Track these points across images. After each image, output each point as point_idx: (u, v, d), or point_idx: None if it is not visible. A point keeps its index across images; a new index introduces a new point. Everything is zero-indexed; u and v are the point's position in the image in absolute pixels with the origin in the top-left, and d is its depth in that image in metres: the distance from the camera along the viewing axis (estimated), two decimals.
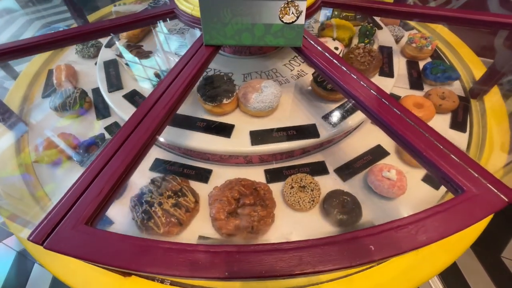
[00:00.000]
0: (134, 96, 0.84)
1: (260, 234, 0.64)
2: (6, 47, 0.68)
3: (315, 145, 0.77)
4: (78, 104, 0.88)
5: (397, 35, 1.09)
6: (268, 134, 0.73)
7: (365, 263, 0.33)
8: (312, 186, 0.69)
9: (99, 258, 0.34)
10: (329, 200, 0.67)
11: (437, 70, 0.94)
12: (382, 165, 0.71)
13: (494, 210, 0.36)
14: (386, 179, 0.68)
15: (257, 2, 0.56)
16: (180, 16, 0.76)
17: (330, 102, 0.80)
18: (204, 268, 0.33)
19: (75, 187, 0.41)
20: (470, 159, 0.42)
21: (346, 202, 0.67)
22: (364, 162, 0.78)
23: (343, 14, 1.03)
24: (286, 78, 0.87)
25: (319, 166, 0.78)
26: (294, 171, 0.76)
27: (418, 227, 0.35)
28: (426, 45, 1.00)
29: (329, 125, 0.74)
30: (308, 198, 0.67)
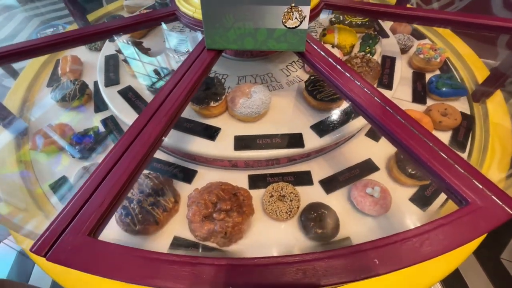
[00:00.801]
0: (128, 93, 0.85)
1: (233, 240, 0.65)
2: (6, 50, 0.68)
3: (302, 154, 0.76)
4: (77, 96, 0.91)
5: (406, 44, 1.04)
6: (252, 141, 0.72)
7: (370, 276, 0.33)
8: (292, 196, 0.68)
9: (102, 271, 0.34)
10: (307, 212, 0.66)
11: (442, 84, 0.89)
12: (367, 181, 0.69)
13: (499, 223, 0.36)
14: (369, 195, 0.66)
15: (260, 7, 0.56)
16: (181, 18, 0.75)
17: (321, 111, 0.78)
18: (208, 281, 0.33)
19: (77, 197, 0.40)
20: (475, 170, 0.42)
21: (324, 216, 0.65)
22: (350, 176, 0.75)
23: (348, 20, 1.00)
24: (281, 83, 0.86)
25: (304, 176, 0.76)
26: (278, 179, 0.76)
27: (423, 240, 0.35)
28: (435, 57, 0.96)
29: (316, 136, 0.73)
30: (286, 208, 0.66)
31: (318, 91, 0.75)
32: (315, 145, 0.72)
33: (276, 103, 0.79)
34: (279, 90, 0.84)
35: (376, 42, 0.90)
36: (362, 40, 0.92)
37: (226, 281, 0.33)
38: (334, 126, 0.74)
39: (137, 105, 0.81)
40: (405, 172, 0.70)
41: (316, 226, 0.63)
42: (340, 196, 0.72)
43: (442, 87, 0.89)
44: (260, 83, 0.83)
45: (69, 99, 0.90)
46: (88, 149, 0.81)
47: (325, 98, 0.74)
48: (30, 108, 0.97)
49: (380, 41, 0.91)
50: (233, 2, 0.56)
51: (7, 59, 0.70)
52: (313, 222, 0.64)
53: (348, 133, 0.75)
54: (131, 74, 0.89)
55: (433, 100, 0.92)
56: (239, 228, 0.63)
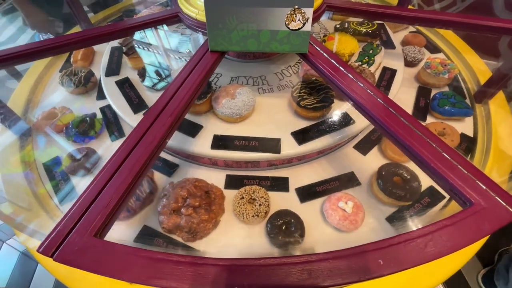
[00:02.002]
0: (124, 84, 0.88)
1: (198, 236, 0.65)
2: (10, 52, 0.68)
3: (283, 160, 0.75)
4: (82, 83, 0.96)
5: (415, 57, 0.99)
6: (230, 141, 0.72)
7: (374, 277, 0.33)
8: (262, 200, 0.67)
9: (108, 271, 0.34)
10: (274, 218, 0.65)
11: (445, 103, 0.84)
12: (342, 195, 0.67)
13: (503, 224, 0.36)
14: (340, 209, 0.64)
15: (263, 9, 0.56)
16: (184, 20, 0.75)
17: (304, 119, 0.76)
18: (213, 282, 0.33)
19: (83, 198, 0.41)
20: (478, 171, 0.42)
21: (290, 224, 0.64)
22: (329, 187, 0.73)
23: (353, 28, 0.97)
24: (272, 87, 0.85)
25: (281, 182, 0.75)
26: (254, 182, 0.75)
27: (427, 241, 0.35)
28: (443, 72, 0.90)
29: (295, 143, 0.71)
30: (253, 211, 0.66)
31: (302, 98, 0.73)
32: (292, 152, 0.71)
33: (262, 106, 0.80)
34: (269, 93, 0.83)
35: (377, 53, 0.87)
36: (362, 50, 0.89)
37: (231, 281, 0.33)
38: (314, 135, 0.73)
39: (130, 97, 0.84)
40: (384, 190, 0.67)
41: (280, 233, 0.63)
42: (314, 206, 0.70)
43: (445, 105, 0.84)
44: (245, 85, 0.82)
45: (74, 85, 0.95)
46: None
47: (308, 105, 0.72)
48: (34, 109, 0.98)
49: (381, 52, 0.88)
50: (236, 4, 0.56)
51: (11, 61, 0.70)
52: (277, 229, 0.63)
53: (328, 144, 0.72)
54: (131, 67, 0.93)
55: (434, 118, 0.87)
56: (204, 226, 0.64)
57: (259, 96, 0.82)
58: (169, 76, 0.87)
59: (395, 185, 0.67)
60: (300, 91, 0.75)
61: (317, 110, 0.73)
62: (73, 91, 0.97)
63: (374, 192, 0.71)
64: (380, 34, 1.00)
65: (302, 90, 0.75)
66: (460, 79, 1.00)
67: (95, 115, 0.91)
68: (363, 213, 0.65)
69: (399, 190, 0.67)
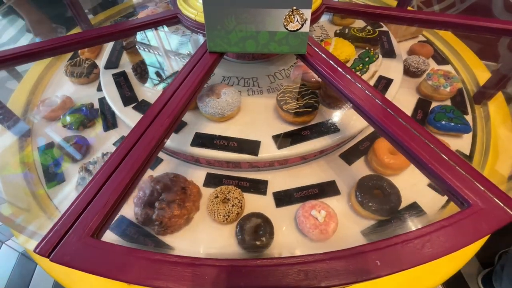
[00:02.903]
0: (120, 77, 0.91)
1: (169, 231, 0.66)
2: (10, 53, 0.68)
3: (264, 162, 0.75)
4: (84, 74, 1.00)
5: (419, 67, 0.95)
6: (210, 140, 0.73)
7: (371, 278, 0.33)
8: (235, 201, 0.67)
9: (105, 272, 0.34)
10: (244, 220, 0.65)
11: (442, 117, 0.80)
12: (317, 203, 0.66)
13: (500, 225, 0.36)
14: (312, 218, 0.63)
15: (261, 10, 0.56)
16: (183, 21, 0.75)
17: (288, 123, 0.76)
18: (210, 283, 0.33)
19: (81, 198, 0.41)
20: (476, 172, 0.42)
21: (259, 227, 0.64)
22: (307, 194, 0.72)
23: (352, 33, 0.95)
24: (262, 89, 0.85)
25: (260, 185, 0.75)
26: (233, 182, 0.75)
27: (424, 242, 0.35)
28: (444, 85, 0.87)
29: (274, 147, 0.71)
30: (224, 211, 0.66)
31: (285, 102, 0.73)
32: (269, 155, 0.70)
33: (249, 108, 0.80)
34: (258, 95, 0.83)
35: (373, 61, 0.85)
36: (358, 57, 0.87)
37: (228, 282, 0.33)
38: (295, 140, 0.72)
39: (122, 90, 0.87)
40: (361, 203, 0.66)
41: (247, 235, 0.63)
42: (289, 212, 0.69)
43: (442, 119, 0.80)
44: (232, 86, 0.82)
45: (77, 75, 1.00)
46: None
47: (290, 110, 0.71)
48: (33, 110, 0.98)
49: (378, 60, 0.85)
50: (235, 5, 0.56)
51: (11, 62, 0.71)
52: (246, 231, 0.63)
53: (308, 151, 0.72)
54: (129, 61, 0.96)
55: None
56: (175, 221, 0.65)
57: (248, 97, 0.83)
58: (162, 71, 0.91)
59: (373, 198, 0.65)
60: (284, 95, 0.74)
61: (299, 115, 0.72)
62: (76, 81, 1.02)
63: (352, 204, 0.69)
64: (382, 42, 0.98)
65: (287, 94, 0.74)
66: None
67: (92, 105, 0.94)
68: (335, 224, 0.63)
69: (377, 204, 0.64)
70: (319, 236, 0.62)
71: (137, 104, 0.83)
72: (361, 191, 0.67)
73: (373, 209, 0.64)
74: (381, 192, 0.67)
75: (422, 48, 1.04)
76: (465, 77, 1.01)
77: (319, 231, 0.62)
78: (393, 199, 0.65)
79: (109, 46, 1.02)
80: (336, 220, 0.64)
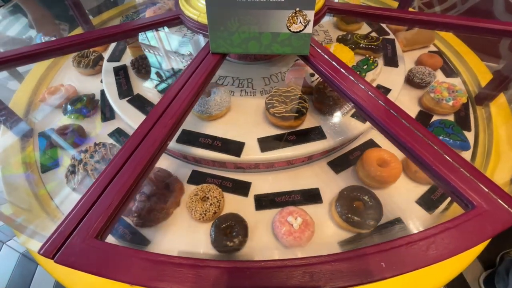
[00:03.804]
0: (120, 70, 0.94)
1: (147, 224, 0.67)
2: (12, 54, 0.68)
3: (249, 164, 0.74)
4: (90, 65, 1.04)
5: (423, 78, 0.92)
6: (195, 138, 0.73)
7: (375, 280, 0.33)
8: (214, 200, 0.67)
9: (109, 273, 0.34)
10: (220, 220, 0.65)
11: (440, 132, 0.77)
12: (295, 210, 0.64)
13: (505, 227, 0.36)
14: (288, 224, 0.62)
15: (264, 12, 0.56)
16: (185, 22, 0.76)
17: (275, 126, 0.75)
18: (215, 284, 0.33)
19: (84, 200, 0.41)
20: (480, 173, 0.42)
21: (233, 229, 0.64)
22: (288, 199, 0.71)
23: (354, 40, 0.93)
24: (255, 90, 0.85)
25: (242, 186, 0.74)
26: (217, 181, 0.75)
27: (429, 244, 0.35)
28: (447, 99, 0.82)
29: (258, 149, 0.71)
30: (201, 210, 0.66)
31: (272, 105, 0.72)
32: (251, 158, 0.70)
33: (239, 108, 0.80)
34: (250, 96, 0.83)
35: (371, 69, 0.83)
36: (356, 64, 0.85)
37: (232, 284, 0.33)
38: (279, 144, 0.72)
39: (120, 82, 0.90)
40: (340, 213, 0.64)
41: (220, 235, 0.63)
42: (267, 216, 0.68)
43: (439, 134, 0.77)
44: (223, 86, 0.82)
45: (83, 66, 1.03)
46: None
47: (276, 113, 0.71)
48: (35, 111, 0.98)
49: (376, 68, 0.83)
50: (238, 7, 0.56)
51: (12, 63, 0.71)
52: (219, 231, 0.63)
53: (291, 156, 0.71)
54: (132, 55, 0.99)
55: None
56: (154, 215, 0.66)
57: (240, 98, 0.83)
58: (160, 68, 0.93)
59: (353, 211, 0.63)
60: (272, 98, 0.74)
61: (285, 119, 0.71)
62: (81, 71, 1.06)
63: (332, 214, 0.68)
64: (386, 50, 0.95)
65: (275, 97, 0.74)
66: (462, 82, 1.00)
67: (94, 96, 0.96)
68: (311, 232, 0.62)
69: (356, 216, 0.62)
70: (292, 242, 0.61)
71: (131, 97, 0.85)
72: (342, 202, 0.65)
73: (351, 221, 0.62)
74: (363, 205, 0.65)
75: (430, 58, 1.00)
76: (467, 78, 1.01)
77: (292, 238, 0.60)
78: (374, 213, 0.63)
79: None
80: (312, 228, 0.62)
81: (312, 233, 0.62)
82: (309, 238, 0.62)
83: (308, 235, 0.61)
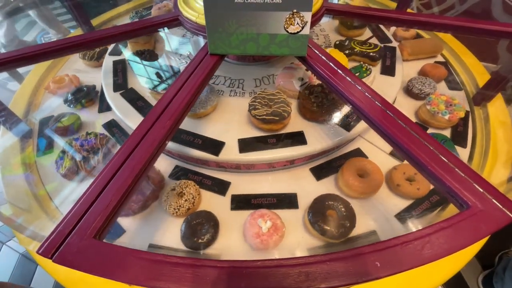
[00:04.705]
0: (119, 64, 0.98)
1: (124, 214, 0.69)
2: (12, 55, 0.69)
3: (231, 164, 0.75)
4: (94, 58, 1.08)
5: (422, 89, 0.88)
6: (177, 133, 0.74)
7: (371, 279, 0.33)
8: (189, 197, 0.67)
9: (107, 273, 0.34)
10: (192, 216, 0.65)
11: None
12: (268, 213, 0.64)
13: (500, 227, 0.37)
14: (258, 226, 0.61)
15: (262, 13, 0.57)
16: (184, 23, 0.76)
17: (256, 128, 0.75)
18: (212, 283, 0.34)
19: (83, 200, 0.41)
20: (475, 174, 0.42)
21: (203, 226, 0.64)
22: (264, 202, 0.71)
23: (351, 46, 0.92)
24: (245, 92, 0.85)
25: (221, 185, 0.75)
26: (197, 178, 0.76)
27: (424, 243, 0.36)
28: (443, 112, 0.79)
29: (237, 150, 0.71)
30: (176, 205, 0.67)
31: (254, 108, 0.72)
32: (230, 157, 0.71)
33: (226, 108, 0.81)
34: (239, 97, 0.84)
35: (363, 77, 0.81)
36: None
37: (229, 283, 0.34)
38: (258, 146, 0.72)
39: (117, 76, 0.93)
40: (311, 221, 0.63)
41: (190, 231, 0.63)
42: (241, 216, 0.68)
43: None
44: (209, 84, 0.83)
45: (88, 58, 1.08)
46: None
47: (258, 116, 0.71)
48: (35, 112, 0.99)
49: (369, 77, 0.81)
50: (236, 8, 0.57)
51: (12, 64, 0.71)
52: (189, 227, 0.64)
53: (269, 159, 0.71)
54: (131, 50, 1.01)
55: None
56: (130, 205, 0.67)
57: (229, 98, 0.84)
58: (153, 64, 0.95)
59: (324, 219, 0.62)
60: (255, 100, 0.74)
61: (265, 122, 0.71)
62: (87, 62, 1.10)
63: (304, 221, 0.67)
64: (384, 58, 0.93)
65: (258, 99, 0.74)
66: (459, 82, 1.00)
67: (94, 87, 0.99)
68: (280, 237, 0.61)
69: (326, 225, 0.61)
70: (259, 245, 0.61)
71: (124, 91, 0.88)
72: (314, 210, 0.64)
73: (320, 229, 0.62)
74: (336, 214, 0.64)
75: (434, 69, 0.96)
76: (465, 79, 1.01)
77: (259, 240, 0.60)
78: (345, 223, 0.62)
79: None
80: (281, 233, 0.62)
81: (281, 237, 0.62)
82: (277, 242, 0.61)
83: (276, 240, 0.61)
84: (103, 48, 1.07)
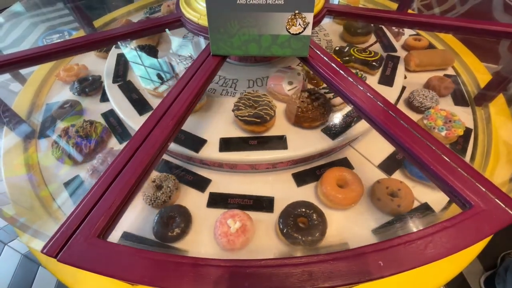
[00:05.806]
0: (122, 57, 1.01)
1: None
2: (15, 57, 0.69)
3: (214, 162, 0.75)
4: (103, 50, 1.13)
5: (423, 103, 0.85)
6: None
7: (374, 279, 0.33)
8: (166, 190, 0.69)
9: (111, 272, 0.35)
10: (165, 210, 0.66)
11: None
12: (239, 213, 0.63)
13: (502, 226, 0.37)
14: (227, 226, 0.61)
15: (264, 14, 0.57)
16: (186, 24, 0.76)
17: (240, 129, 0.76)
18: (215, 283, 0.34)
19: (87, 199, 0.41)
20: (478, 173, 0.42)
21: (175, 220, 0.65)
22: (241, 203, 0.70)
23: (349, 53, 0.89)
24: (236, 92, 0.85)
25: (202, 182, 0.75)
26: (180, 173, 0.77)
27: (426, 243, 0.36)
28: (439, 128, 0.76)
29: (217, 148, 0.72)
30: (152, 196, 0.68)
31: (238, 108, 0.72)
32: (209, 156, 0.71)
33: (214, 107, 0.82)
34: (229, 97, 0.84)
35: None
36: None
37: (232, 283, 0.34)
38: (239, 147, 0.72)
39: (118, 68, 0.96)
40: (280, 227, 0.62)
41: (162, 224, 0.64)
42: (216, 214, 0.67)
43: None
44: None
45: (98, 50, 1.13)
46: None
47: (240, 116, 0.71)
48: (38, 113, 0.99)
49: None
50: (238, 9, 0.57)
51: (15, 66, 0.72)
52: (162, 219, 0.65)
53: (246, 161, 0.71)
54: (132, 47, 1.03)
55: (403, 177, 0.74)
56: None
57: (220, 97, 0.84)
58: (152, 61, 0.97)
59: (293, 226, 0.61)
60: (240, 101, 0.74)
61: (247, 124, 0.71)
62: (96, 54, 1.15)
63: (276, 225, 0.66)
64: (385, 67, 0.90)
65: (242, 100, 0.74)
66: (460, 82, 1.00)
67: (100, 77, 1.02)
68: (247, 238, 0.61)
69: (294, 232, 0.60)
70: (225, 245, 0.60)
71: (122, 83, 0.90)
72: (284, 217, 0.63)
73: (288, 236, 0.60)
74: (307, 222, 0.63)
75: (440, 82, 0.91)
76: (466, 79, 1.01)
77: (226, 240, 0.60)
78: (314, 233, 0.60)
79: None
80: (249, 235, 0.61)
81: (248, 239, 0.61)
82: (244, 244, 0.61)
83: (243, 241, 0.60)
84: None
